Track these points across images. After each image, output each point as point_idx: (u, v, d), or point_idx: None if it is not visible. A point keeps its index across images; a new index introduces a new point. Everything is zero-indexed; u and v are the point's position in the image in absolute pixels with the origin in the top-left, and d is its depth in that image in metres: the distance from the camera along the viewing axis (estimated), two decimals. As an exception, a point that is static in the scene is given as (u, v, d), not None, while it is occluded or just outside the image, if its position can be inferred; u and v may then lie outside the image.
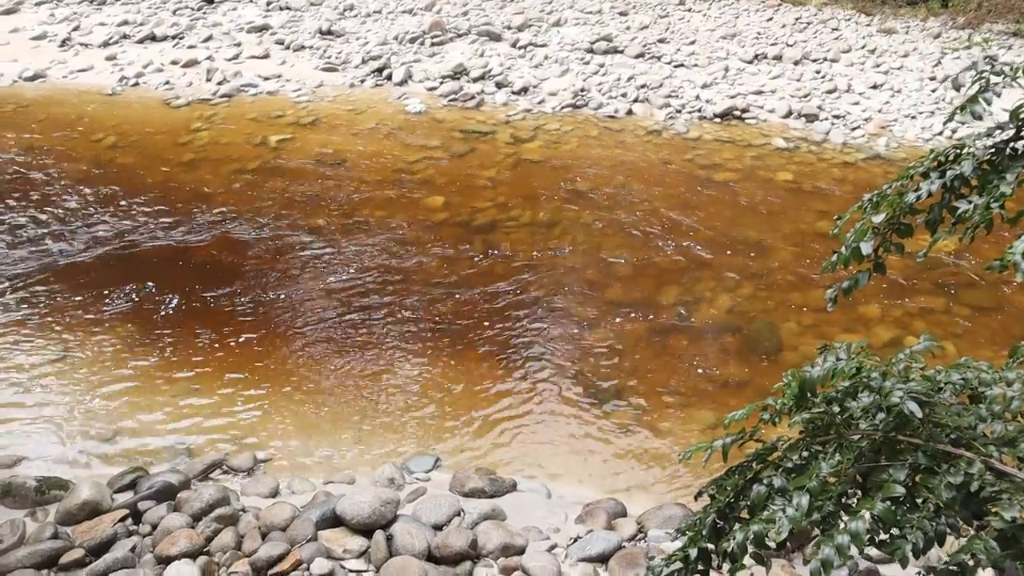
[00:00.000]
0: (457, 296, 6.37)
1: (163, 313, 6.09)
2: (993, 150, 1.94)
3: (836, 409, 1.97)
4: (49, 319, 6.01)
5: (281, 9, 12.98)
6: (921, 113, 9.98)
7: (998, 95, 1.93)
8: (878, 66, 11.46)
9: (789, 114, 9.80)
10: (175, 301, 6.20)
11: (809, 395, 1.96)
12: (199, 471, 4.60)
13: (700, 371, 5.66)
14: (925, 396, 1.85)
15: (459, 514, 4.16)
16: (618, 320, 6.13)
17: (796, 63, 11.39)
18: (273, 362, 5.65)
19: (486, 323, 6.09)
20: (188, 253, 6.86)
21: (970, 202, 1.88)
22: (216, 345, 5.77)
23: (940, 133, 9.53)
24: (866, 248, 2.08)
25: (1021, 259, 1.64)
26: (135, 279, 6.44)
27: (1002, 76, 1.92)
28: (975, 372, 2.14)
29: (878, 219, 2.05)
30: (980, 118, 1.91)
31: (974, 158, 1.94)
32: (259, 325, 6.01)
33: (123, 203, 7.55)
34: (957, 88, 1.97)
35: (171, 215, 7.36)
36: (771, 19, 13.49)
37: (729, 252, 6.98)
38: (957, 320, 6.27)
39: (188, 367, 5.54)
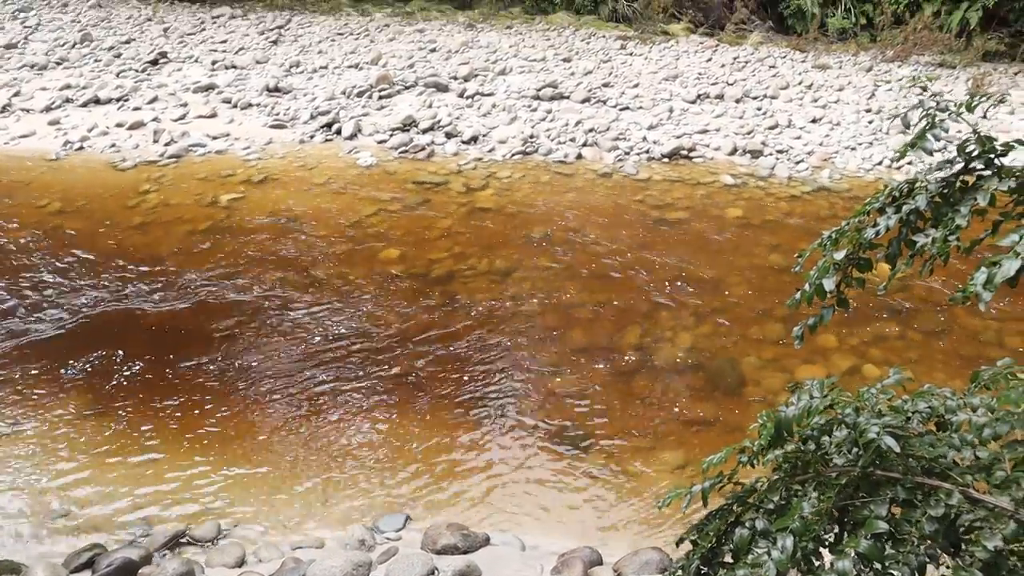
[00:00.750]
0: (418, 349, 6.32)
1: (117, 381, 5.93)
2: (944, 184, 1.99)
3: (812, 447, 1.98)
4: (-4, 393, 5.82)
5: (227, 68, 12.96)
6: (860, 144, 10.29)
7: (945, 130, 1.99)
8: (816, 100, 11.81)
9: (734, 151, 10.01)
10: (129, 368, 6.05)
11: (785, 434, 1.96)
12: (160, 544, 4.45)
13: (665, 411, 5.67)
14: (900, 430, 1.87)
15: (433, 573, 4.07)
16: (581, 365, 6.13)
17: (737, 101, 11.68)
18: (232, 426, 5.52)
19: (448, 375, 6.04)
20: (142, 319, 6.72)
21: (927, 235, 1.93)
22: (172, 412, 5.62)
23: (880, 163, 9.82)
24: (829, 284, 2.11)
25: (983, 290, 1.67)
26: (87, 347, 6.28)
27: (948, 113, 1.98)
28: (940, 399, 2.16)
29: (839, 256, 2.09)
30: (930, 153, 1.96)
31: (927, 192, 1.99)
32: (216, 389, 5.88)
33: (71, 269, 7.39)
34: (907, 126, 2.02)
35: (121, 280, 7.22)
36: (710, 59, 13.85)
37: (686, 290, 7.05)
38: (911, 345, 6.39)
39: (144, 436, 5.38)
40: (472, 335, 6.47)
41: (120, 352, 6.22)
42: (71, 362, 6.11)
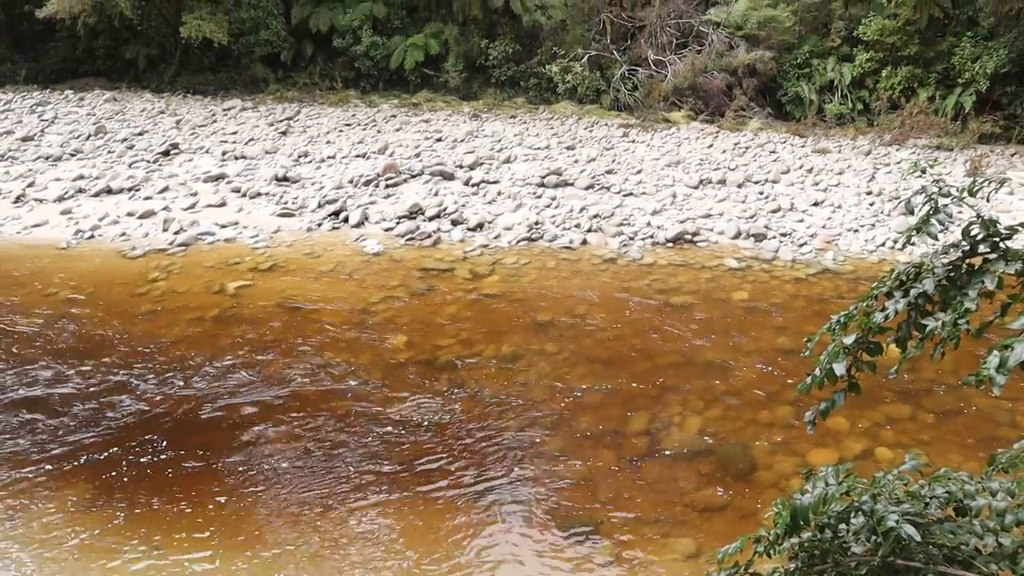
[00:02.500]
0: (424, 438, 6.25)
1: (116, 474, 5.85)
2: (951, 267, 2.00)
3: (829, 535, 1.94)
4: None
5: (237, 158, 13.23)
6: (863, 226, 10.39)
7: (949, 215, 2.01)
8: (817, 184, 11.99)
9: (738, 235, 10.10)
10: (129, 460, 5.98)
11: (802, 523, 1.92)
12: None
13: (676, 498, 5.56)
14: (919, 517, 1.83)
15: (441, 669, 3.94)
16: (589, 451, 6.05)
17: (739, 186, 11.85)
18: (235, 521, 5.41)
19: (455, 464, 5.96)
20: (146, 408, 6.67)
21: (936, 319, 1.93)
22: (173, 507, 5.52)
23: (883, 244, 9.89)
24: (839, 369, 2.10)
25: (996, 374, 1.66)
26: (88, 438, 6.22)
27: (951, 197, 2.00)
28: (958, 484, 2.13)
29: (849, 340, 2.08)
30: (935, 238, 1.98)
31: (934, 276, 2.00)
32: (220, 482, 5.79)
33: (77, 358, 7.38)
34: (911, 211, 2.04)
35: (127, 368, 7.20)
36: (711, 146, 14.12)
37: (694, 374, 7.01)
38: (923, 426, 6.31)
39: (144, 532, 5.27)
40: (479, 423, 6.41)
41: (120, 443, 6.15)
42: (68, 451, 6.03)
